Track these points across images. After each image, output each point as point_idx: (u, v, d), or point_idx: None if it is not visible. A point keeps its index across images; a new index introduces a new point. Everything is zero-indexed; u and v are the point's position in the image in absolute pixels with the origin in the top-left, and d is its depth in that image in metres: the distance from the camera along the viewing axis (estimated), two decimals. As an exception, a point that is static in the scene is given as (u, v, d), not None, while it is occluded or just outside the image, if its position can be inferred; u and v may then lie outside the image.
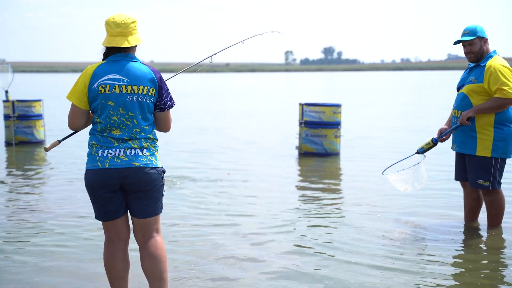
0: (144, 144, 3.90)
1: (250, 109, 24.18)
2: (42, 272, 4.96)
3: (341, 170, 10.09)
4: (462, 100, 5.81)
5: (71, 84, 3.90)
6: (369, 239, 5.77)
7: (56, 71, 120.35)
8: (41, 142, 12.89)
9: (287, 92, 41.00)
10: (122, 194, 3.94)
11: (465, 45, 5.82)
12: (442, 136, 5.98)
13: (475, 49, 5.76)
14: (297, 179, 9.26)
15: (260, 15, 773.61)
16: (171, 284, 4.58)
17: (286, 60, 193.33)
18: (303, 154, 11.16)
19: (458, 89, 5.96)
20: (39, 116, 12.90)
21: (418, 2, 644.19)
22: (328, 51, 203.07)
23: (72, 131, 4.14)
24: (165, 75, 4.27)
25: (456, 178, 6.12)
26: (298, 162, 10.68)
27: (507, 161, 5.87)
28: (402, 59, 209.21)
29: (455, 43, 5.90)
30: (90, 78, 3.84)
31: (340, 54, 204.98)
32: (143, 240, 4.00)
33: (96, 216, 4.00)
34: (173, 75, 4.96)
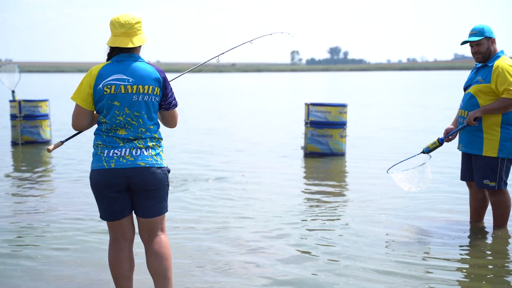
0: (150, 144, 3.91)
1: (255, 109, 24.18)
2: (42, 275, 4.89)
3: (346, 170, 10.08)
4: (469, 100, 5.79)
5: (77, 84, 3.88)
6: (373, 242, 5.73)
7: (62, 71, 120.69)
8: (47, 142, 12.92)
9: (293, 92, 40.99)
10: (127, 194, 3.95)
11: (472, 45, 5.81)
12: (448, 136, 5.96)
13: (483, 49, 5.75)
14: (302, 180, 9.25)
15: (265, 15, 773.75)
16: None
17: (292, 60, 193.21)
18: (309, 154, 11.16)
19: (465, 89, 5.94)
20: (45, 116, 12.94)
21: (424, 2, 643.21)
22: (334, 51, 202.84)
23: (75, 132, 4.14)
24: (171, 75, 4.28)
25: (462, 178, 6.10)
26: (304, 162, 10.67)
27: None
28: (408, 59, 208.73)
29: (462, 43, 5.89)
30: (95, 78, 3.85)
31: (346, 54, 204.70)
32: (148, 239, 4.02)
33: (101, 216, 4.01)
34: (179, 74, 4.97)
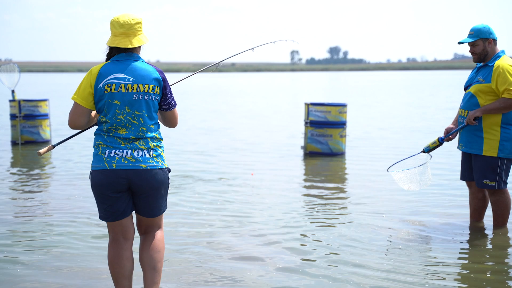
0: (151, 145, 3.91)
1: (255, 109, 24.18)
2: (40, 275, 4.86)
3: (346, 170, 10.08)
4: (469, 100, 5.79)
5: (77, 84, 3.87)
6: (374, 242, 5.73)
7: (62, 71, 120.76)
8: (47, 142, 12.92)
9: (293, 92, 40.99)
10: (129, 194, 3.96)
11: (469, 45, 5.84)
12: (449, 135, 5.97)
13: (478, 50, 5.78)
14: (302, 179, 9.25)
15: (265, 16, 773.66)
16: (171, 285, 4.60)
17: (292, 60, 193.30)
18: (308, 154, 11.15)
19: (466, 88, 5.95)
20: (45, 116, 12.94)
21: (424, 2, 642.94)
22: (334, 50, 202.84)
23: (66, 137, 4.19)
24: (171, 75, 4.28)
25: (462, 178, 6.10)
26: (303, 162, 10.66)
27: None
28: (408, 59, 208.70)
29: (459, 43, 5.92)
30: (95, 78, 3.86)
31: (346, 53, 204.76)
32: (145, 232, 4.09)
33: (101, 217, 3.99)
34: (179, 80, 4.97)
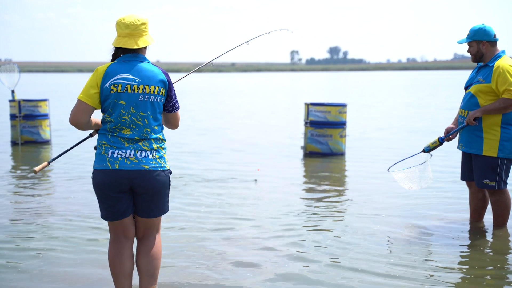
0: (154, 146, 3.93)
1: (255, 109, 24.17)
2: (39, 276, 4.85)
3: (346, 170, 10.08)
4: (469, 100, 5.80)
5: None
6: (373, 242, 5.71)
7: (62, 71, 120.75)
8: (47, 142, 12.92)
9: (293, 92, 40.98)
10: (130, 194, 3.97)
11: (468, 45, 5.92)
12: (449, 135, 5.97)
13: (472, 51, 5.85)
14: (302, 180, 9.25)
15: (265, 16, 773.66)
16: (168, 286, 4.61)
17: (291, 60, 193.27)
18: (308, 154, 11.15)
19: (466, 88, 5.96)
20: (45, 116, 12.94)
21: (424, 2, 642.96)
22: (334, 50, 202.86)
23: (61, 152, 4.27)
24: (171, 75, 4.28)
25: (462, 178, 6.10)
26: (303, 162, 10.66)
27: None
28: (408, 59, 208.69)
29: (457, 42, 5.98)
30: (102, 77, 3.87)
31: (346, 53, 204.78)
32: (144, 237, 4.07)
33: (102, 216, 4.01)
34: (179, 78, 4.97)
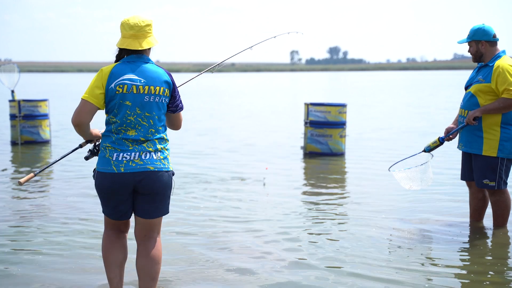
0: (158, 147, 3.94)
1: (255, 109, 24.18)
2: (36, 278, 4.79)
3: (346, 170, 10.07)
4: (469, 100, 5.80)
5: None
6: (373, 243, 5.69)
7: (62, 71, 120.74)
8: (47, 142, 12.92)
9: (293, 92, 40.98)
10: (132, 196, 3.98)
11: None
12: (449, 135, 5.97)
13: (471, 51, 5.89)
14: (301, 180, 9.24)
15: (265, 16, 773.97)
16: None
17: (291, 60, 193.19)
18: (308, 154, 11.15)
19: (466, 88, 5.96)
20: (45, 116, 12.93)
21: (424, 2, 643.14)
22: (333, 51, 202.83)
23: (48, 164, 4.22)
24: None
25: (462, 178, 6.10)
26: (303, 162, 10.66)
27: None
28: (408, 59, 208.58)
29: (457, 42, 6.01)
30: (107, 78, 3.87)
31: (345, 53, 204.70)
32: (144, 239, 4.06)
33: (104, 212, 4.05)
34: (186, 81, 5.00)
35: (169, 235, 5.93)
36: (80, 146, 4.43)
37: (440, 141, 6.00)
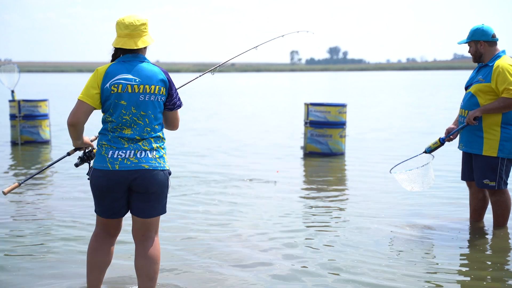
0: (154, 145, 3.94)
1: (255, 109, 24.18)
2: (24, 280, 4.74)
3: (346, 170, 10.07)
4: (469, 100, 5.80)
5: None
6: (373, 245, 5.66)
7: (62, 71, 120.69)
8: (46, 142, 12.92)
9: (293, 92, 40.98)
10: (126, 195, 3.98)
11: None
12: (449, 135, 5.97)
13: (471, 51, 5.91)
14: (301, 180, 9.24)
15: (266, 16, 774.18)
16: None
17: (291, 60, 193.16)
18: (308, 154, 11.15)
19: (466, 88, 5.97)
20: (45, 116, 12.94)
21: (424, 2, 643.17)
22: (333, 51, 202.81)
23: (33, 173, 4.22)
24: (171, 75, 4.26)
25: (463, 178, 6.11)
26: (303, 162, 10.66)
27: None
28: (408, 59, 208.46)
29: (458, 43, 6.05)
30: (102, 78, 3.88)
31: (345, 54, 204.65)
32: (142, 239, 4.05)
33: (97, 211, 4.05)
34: (189, 81, 4.98)
35: (167, 235, 5.91)
36: (68, 154, 4.47)
37: (441, 141, 6.00)
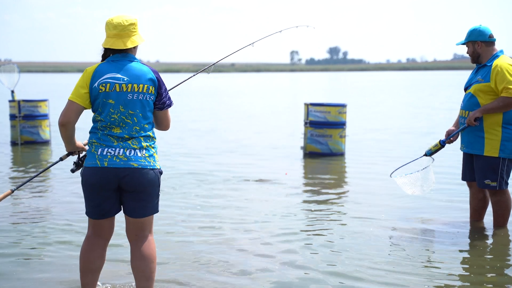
0: (144, 144, 3.94)
1: (255, 109, 24.18)
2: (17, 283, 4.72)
3: (345, 170, 10.07)
4: (469, 100, 5.80)
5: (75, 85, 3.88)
6: (373, 246, 5.65)
7: (62, 71, 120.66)
8: (46, 142, 12.92)
9: (292, 92, 40.98)
10: (117, 194, 3.98)
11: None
12: (450, 137, 5.97)
13: (469, 52, 5.93)
14: (301, 180, 9.23)
15: (265, 16, 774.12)
16: None
17: (291, 60, 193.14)
18: (308, 154, 11.15)
19: (466, 89, 5.96)
20: (44, 116, 12.93)
21: (424, 2, 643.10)
22: (333, 51, 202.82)
23: (27, 179, 4.26)
24: (171, 75, 4.26)
25: (463, 178, 6.10)
26: (303, 162, 10.65)
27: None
28: (408, 59, 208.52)
29: (456, 44, 6.07)
30: (91, 77, 3.90)
31: (345, 54, 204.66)
32: (136, 239, 4.04)
33: (87, 213, 4.03)
34: (178, 83, 4.94)
35: (165, 235, 5.90)
36: (61, 159, 4.47)
37: (441, 144, 6.00)
